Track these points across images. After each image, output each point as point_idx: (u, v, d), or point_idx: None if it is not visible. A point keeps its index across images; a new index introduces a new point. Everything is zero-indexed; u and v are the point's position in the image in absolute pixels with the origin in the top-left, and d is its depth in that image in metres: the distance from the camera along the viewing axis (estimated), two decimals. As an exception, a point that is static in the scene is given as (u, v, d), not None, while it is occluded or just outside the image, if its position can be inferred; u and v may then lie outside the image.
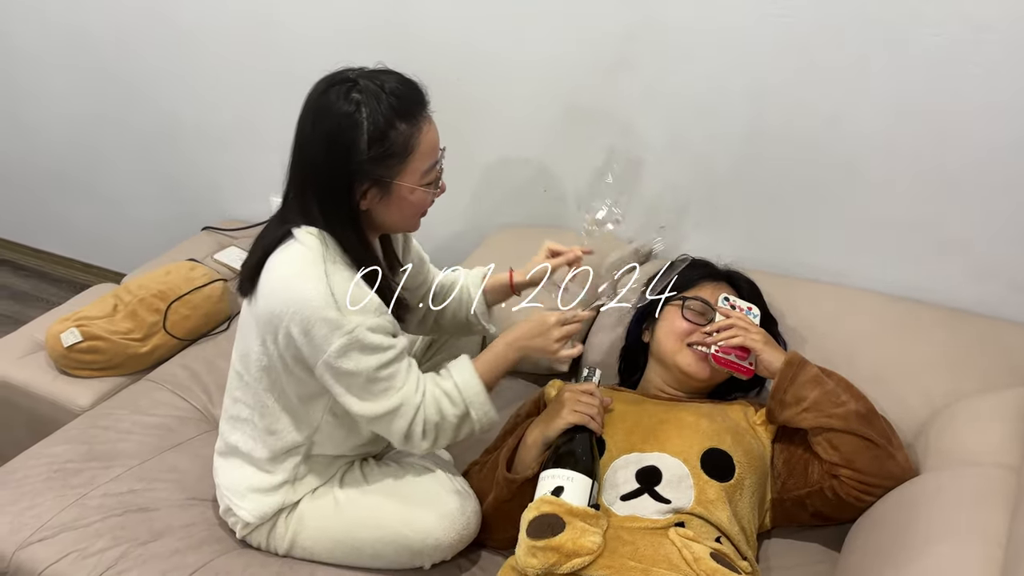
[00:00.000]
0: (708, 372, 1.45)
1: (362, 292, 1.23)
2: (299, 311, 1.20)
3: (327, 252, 1.23)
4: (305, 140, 1.23)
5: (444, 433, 1.31)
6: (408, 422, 1.27)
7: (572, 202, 1.95)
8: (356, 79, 1.20)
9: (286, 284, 1.22)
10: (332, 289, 1.20)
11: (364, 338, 1.21)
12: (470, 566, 1.43)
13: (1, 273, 3.09)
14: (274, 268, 1.24)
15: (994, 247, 1.56)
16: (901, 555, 1.12)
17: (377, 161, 1.19)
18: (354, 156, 1.18)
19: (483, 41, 1.82)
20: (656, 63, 1.67)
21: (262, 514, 1.38)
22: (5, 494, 1.49)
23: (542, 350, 1.32)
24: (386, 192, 1.23)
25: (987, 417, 1.33)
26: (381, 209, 1.26)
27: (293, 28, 2.03)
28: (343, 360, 1.22)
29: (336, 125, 1.18)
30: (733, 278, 1.58)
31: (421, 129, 1.22)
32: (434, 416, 1.28)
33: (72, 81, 2.50)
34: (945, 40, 1.42)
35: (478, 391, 1.31)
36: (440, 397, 1.29)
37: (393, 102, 1.19)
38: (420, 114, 1.23)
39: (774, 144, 1.65)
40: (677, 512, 1.23)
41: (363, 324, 1.21)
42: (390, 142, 1.19)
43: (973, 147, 1.49)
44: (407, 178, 1.23)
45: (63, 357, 1.81)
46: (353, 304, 1.21)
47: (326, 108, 1.19)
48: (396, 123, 1.19)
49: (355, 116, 1.17)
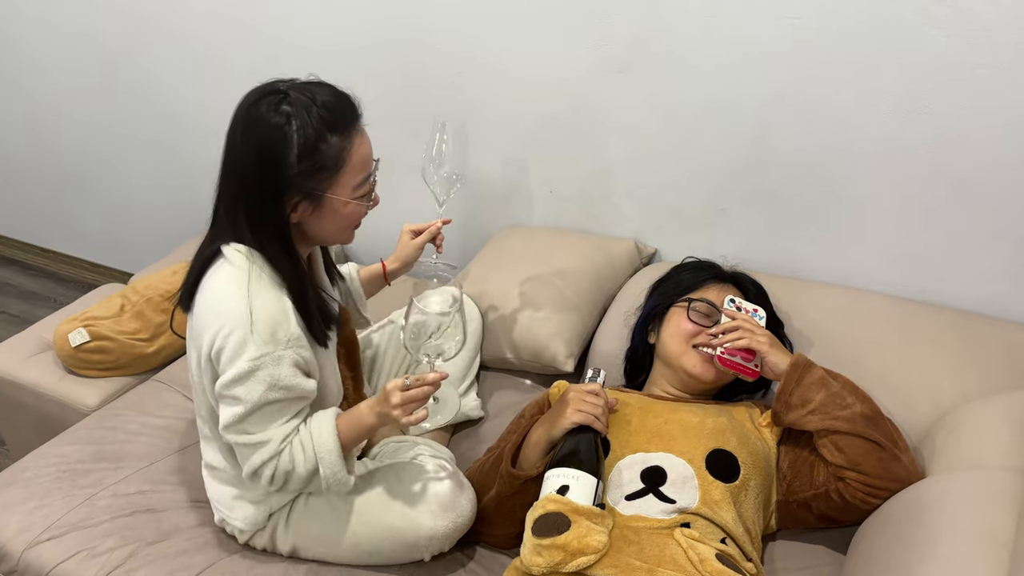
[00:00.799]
0: (714, 374, 1.45)
1: (280, 319, 1.21)
2: (220, 328, 1.19)
3: (253, 270, 1.21)
4: (234, 153, 1.21)
5: (292, 482, 1.27)
6: (262, 460, 1.24)
7: (590, 220, 1.95)
8: (287, 91, 1.18)
9: (213, 304, 1.21)
10: (252, 310, 1.19)
11: (266, 368, 1.19)
12: (467, 561, 1.43)
13: (9, 273, 3.10)
14: (203, 288, 1.24)
15: (1002, 248, 1.56)
16: (907, 557, 1.12)
17: (307, 175, 1.18)
18: (284, 170, 1.16)
19: (489, 40, 1.82)
20: (664, 65, 1.67)
21: (254, 522, 1.38)
22: (15, 493, 1.50)
23: (387, 416, 1.25)
24: (317, 205, 1.22)
25: (994, 420, 1.32)
26: (313, 222, 1.24)
27: (299, 30, 2.04)
28: (236, 386, 1.19)
29: (265, 138, 1.16)
30: (739, 280, 1.58)
31: (353, 142, 1.21)
32: (287, 465, 1.25)
33: (81, 82, 2.51)
34: (955, 41, 1.41)
35: (330, 449, 1.26)
36: (297, 449, 1.26)
37: (324, 115, 1.17)
38: (352, 127, 1.21)
39: (782, 146, 1.65)
40: (682, 512, 1.23)
41: (272, 354, 1.19)
42: (320, 155, 1.18)
43: (982, 148, 1.49)
44: (339, 191, 1.22)
45: (71, 357, 1.82)
46: (269, 331, 1.19)
47: (255, 120, 1.17)
48: (327, 136, 1.17)
49: (284, 129, 1.16)
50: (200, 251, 1.29)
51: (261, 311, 1.19)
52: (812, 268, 1.75)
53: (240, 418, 1.22)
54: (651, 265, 1.87)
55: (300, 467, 1.26)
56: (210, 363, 1.23)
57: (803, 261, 1.75)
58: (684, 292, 1.54)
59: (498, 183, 2.02)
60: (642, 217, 1.89)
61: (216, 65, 2.24)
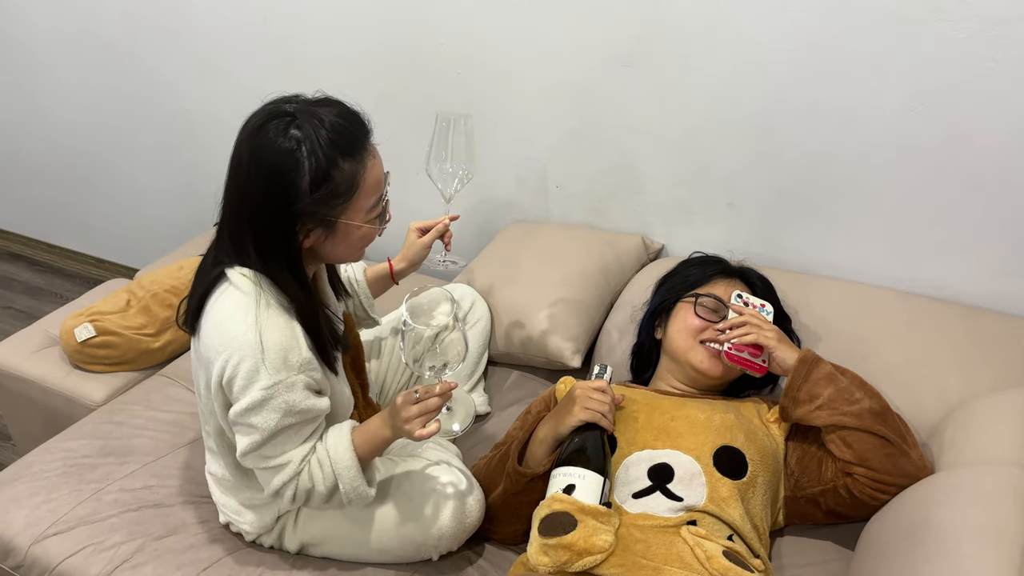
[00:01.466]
0: (721, 369, 1.44)
1: (290, 344, 1.18)
2: (230, 357, 1.16)
3: (261, 296, 1.18)
4: (242, 178, 1.16)
5: (313, 499, 1.26)
6: (283, 483, 1.23)
7: (596, 215, 1.94)
8: (294, 113, 1.13)
9: (221, 330, 1.18)
10: (262, 338, 1.16)
11: (280, 396, 1.17)
12: (476, 558, 1.43)
13: (16, 268, 3.11)
14: (209, 313, 1.20)
15: (1010, 243, 1.55)
16: (915, 554, 1.11)
17: (321, 202, 1.14)
18: (296, 198, 1.12)
19: (493, 37, 1.82)
20: (669, 60, 1.67)
21: (262, 525, 1.38)
22: (22, 488, 1.50)
23: (401, 430, 1.23)
24: (331, 231, 1.18)
25: (1003, 415, 1.32)
26: (327, 246, 1.21)
27: (304, 29, 2.04)
28: (251, 415, 1.18)
29: (275, 165, 1.12)
30: (747, 275, 1.57)
31: (365, 165, 1.16)
32: (307, 483, 1.24)
33: (88, 81, 2.51)
34: (964, 35, 1.40)
35: (348, 465, 1.24)
36: (315, 467, 1.24)
37: (335, 138, 1.12)
38: (364, 149, 1.17)
39: (788, 141, 1.64)
40: (689, 510, 1.23)
41: (285, 381, 1.17)
42: (333, 182, 1.13)
43: (990, 142, 1.48)
44: (352, 216, 1.18)
45: (77, 352, 1.82)
46: (280, 358, 1.17)
47: (264, 146, 1.12)
48: (339, 161, 1.13)
49: (296, 155, 1.11)
50: (203, 271, 1.25)
51: (271, 338, 1.16)
52: (819, 263, 1.74)
53: (257, 445, 1.20)
54: (658, 260, 1.86)
55: (320, 485, 1.24)
56: (220, 390, 1.21)
57: (810, 256, 1.75)
58: (691, 287, 1.54)
59: (504, 179, 2.02)
60: (649, 212, 1.88)
61: (222, 63, 2.24)
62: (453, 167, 1.47)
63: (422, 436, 1.20)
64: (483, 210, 2.09)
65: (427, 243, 1.50)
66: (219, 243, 1.23)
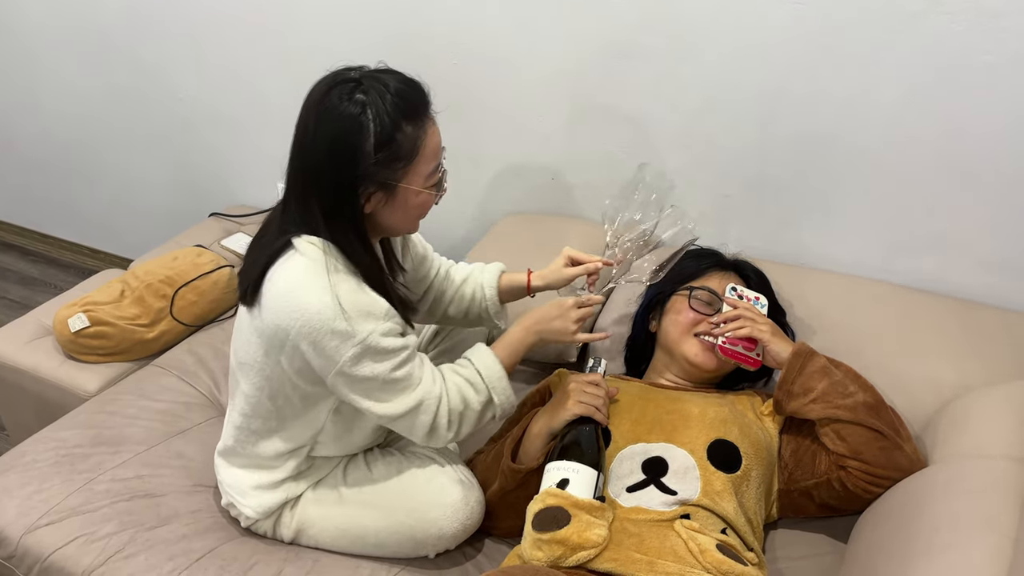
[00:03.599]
0: (715, 362, 1.44)
1: (369, 298, 1.21)
2: (307, 325, 1.17)
3: (329, 261, 1.19)
4: (307, 144, 1.18)
5: (467, 421, 1.30)
6: (432, 416, 1.26)
7: (593, 207, 1.94)
8: (359, 79, 1.16)
9: (291, 298, 1.18)
10: (339, 299, 1.17)
11: (376, 344, 1.19)
12: (475, 554, 1.44)
13: (9, 258, 3.10)
14: (278, 281, 1.20)
15: (1005, 237, 1.55)
16: (909, 547, 1.12)
17: (383, 164, 1.16)
18: (360, 160, 1.15)
19: (492, 25, 1.81)
20: (668, 52, 1.66)
21: (265, 510, 1.38)
22: (13, 478, 1.49)
23: (561, 332, 1.31)
24: (391, 195, 1.20)
25: (997, 409, 1.32)
26: (385, 212, 1.23)
27: (301, 16, 2.02)
28: (357, 368, 1.20)
29: (340, 128, 1.14)
30: (741, 268, 1.57)
31: (426, 131, 1.19)
32: (459, 405, 1.28)
33: (82, 69, 2.50)
34: (961, 28, 1.40)
35: (500, 376, 1.30)
36: (463, 385, 1.28)
37: (399, 103, 1.15)
38: (425, 115, 1.20)
39: (786, 133, 1.64)
40: (683, 504, 1.23)
41: (375, 331, 1.19)
42: (396, 145, 1.16)
43: (986, 136, 1.47)
44: (412, 181, 1.20)
45: (70, 342, 1.82)
46: (361, 311, 1.18)
47: (329, 110, 1.15)
48: (402, 125, 1.15)
49: (360, 118, 1.14)
50: (262, 242, 1.26)
51: (347, 297, 1.18)
52: (815, 256, 1.74)
53: (376, 392, 1.23)
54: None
55: (473, 403, 1.28)
56: (304, 361, 1.22)
57: (806, 249, 1.75)
58: (686, 280, 1.53)
59: (500, 170, 2.01)
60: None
61: (217, 53, 2.22)
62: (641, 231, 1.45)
63: (587, 339, 1.33)
64: (479, 202, 2.08)
65: (571, 276, 1.47)
66: (284, 214, 1.24)
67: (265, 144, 2.32)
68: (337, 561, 1.39)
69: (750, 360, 1.40)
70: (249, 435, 1.37)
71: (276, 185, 2.41)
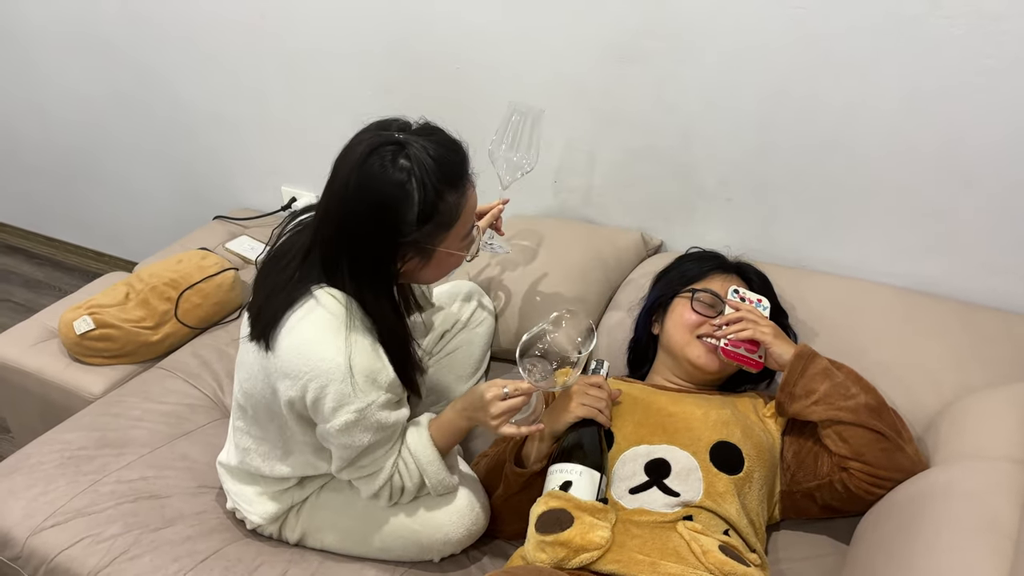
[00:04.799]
0: (717, 364, 1.44)
1: (379, 364, 1.21)
2: (316, 379, 1.17)
3: (349, 319, 1.19)
4: (347, 206, 1.15)
5: (405, 496, 1.32)
6: (378, 487, 1.29)
7: (594, 210, 1.94)
8: (403, 143, 1.13)
9: (305, 350, 1.18)
10: (352, 362, 1.17)
11: (372, 416, 1.20)
12: (480, 557, 1.44)
13: (15, 261, 3.11)
14: (295, 330, 1.19)
15: (1006, 240, 1.55)
16: (910, 548, 1.12)
17: (427, 234, 1.16)
18: (402, 228, 1.14)
19: (494, 31, 1.81)
20: (667, 56, 1.66)
21: (270, 516, 1.39)
22: (19, 479, 1.50)
23: (484, 424, 1.27)
24: (427, 258, 1.21)
25: (998, 411, 1.32)
26: (419, 271, 1.24)
27: (304, 24, 2.03)
28: (344, 435, 1.21)
29: (384, 195, 1.12)
30: (743, 270, 1.57)
31: (466, 195, 1.19)
32: (398, 483, 1.30)
33: (87, 71, 2.51)
34: (961, 32, 1.40)
35: (431, 460, 1.29)
36: (401, 466, 1.30)
37: (441, 170, 1.14)
38: (465, 179, 1.19)
39: (787, 136, 1.64)
40: (686, 505, 1.23)
41: (375, 401, 1.20)
42: (439, 214, 1.15)
43: (987, 140, 1.48)
44: (450, 244, 1.21)
45: (76, 344, 1.83)
46: (368, 377, 1.18)
47: (374, 176, 1.12)
48: (445, 194, 1.15)
49: (406, 187, 1.12)
50: (281, 286, 1.23)
51: (360, 361, 1.18)
52: (817, 259, 1.74)
53: (352, 460, 1.25)
54: (656, 256, 1.86)
55: (408, 482, 1.29)
56: (302, 408, 1.23)
57: (808, 252, 1.75)
58: (688, 282, 1.54)
59: (502, 173, 2.01)
60: (648, 207, 1.88)
61: (220, 58, 2.23)
62: (518, 157, 1.50)
63: (507, 434, 1.25)
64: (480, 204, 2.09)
65: (482, 227, 1.46)
66: (307, 259, 1.22)
67: (268, 147, 2.33)
68: (342, 564, 1.39)
69: (752, 362, 1.40)
70: (255, 457, 1.38)
71: (280, 188, 2.43)
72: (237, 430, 1.39)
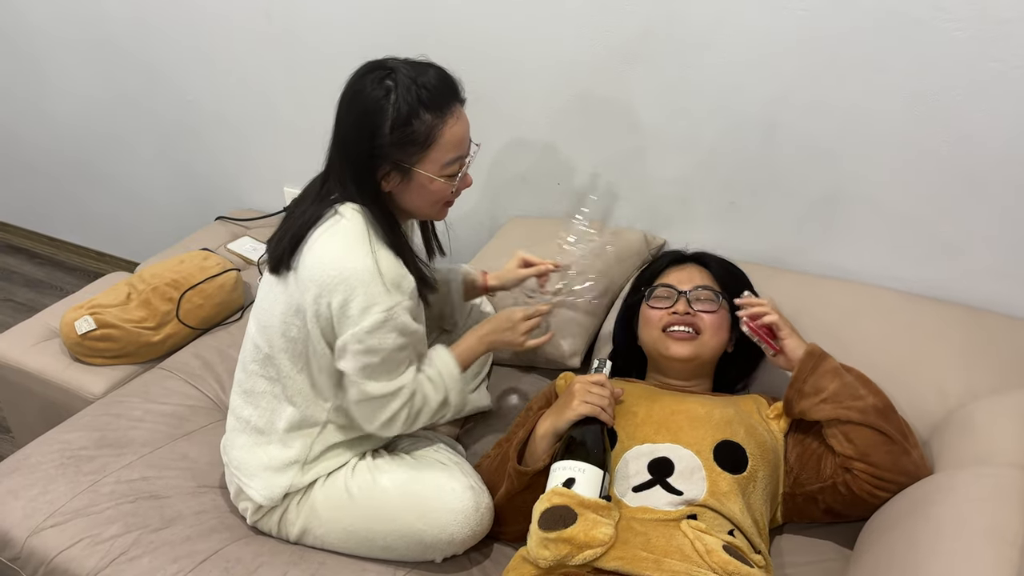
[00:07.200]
0: (688, 350, 1.45)
1: (403, 271, 1.29)
2: (345, 282, 1.24)
3: (369, 227, 1.28)
4: (340, 119, 1.29)
5: (422, 417, 1.37)
6: (400, 404, 1.33)
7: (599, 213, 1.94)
8: (394, 68, 1.25)
9: (334, 256, 1.26)
10: (379, 267, 1.25)
11: (399, 317, 1.27)
12: (482, 559, 1.43)
13: (17, 261, 3.11)
14: (321, 241, 1.27)
15: (1011, 245, 1.55)
16: (914, 554, 1.11)
17: (398, 146, 1.24)
18: (377, 138, 1.23)
19: (499, 31, 1.81)
20: (673, 57, 1.66)
21: (272, 495, 1.38)
22: (19, 479, 1.50)
23: (511, 342, 1.43)
24: (407, 177, 1.28)
25: (1002, 417, 1.31)
26: (403, 194, 1.31)
27: (311, 20, 2.03)
28: (372, 336, 1.26)
29: (364, 108, 1.24)
30: (700, 258, 1.60)
31: (446, 122, 1.26)
32: (419, 402, 1.35)
33: (90, 72, 2.51)
34: (967, 35, 1.40)
35: (457, 377, 1.39)
36: (425, 382, 1.36)
37: (422, 94, 1.23)
38: (448, 107, 1.27)
39: (791, 140, 1.64)
40: (689, 504, 1.23)
41: (401, 303, 1.27)
42: (412, 130, 1.24)
43: (992, 143, 1.47)
44: (427, 167, 1.28)
45: (77, 344, 1.82)
46: (395, 282, 1.27)
47: (359, 92, 1.25)
48: (420, 113, 1.23)
49: (382, 102, 1.23)
50: (304, 207, 1.33)
51: (386, 265, 1.27)
52: (821, 263, 1.74)
53: (374, 367, 1.29)
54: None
55: (432, 400, 1.36)
56: (330, 316, 1.27)
57: (812, 256, 1.74)
58: (647, 282, 1.57)
59: (506, 176, 2.01)
60: (651, 209, 1.88)
61: (224, 57, 2.23)
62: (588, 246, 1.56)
63: (536, 344, 1.44)
64: (484, 206, 2.09)
65: (523, 277, 1.59)
66: (325, 184, 1.34)
67: (271, 149, 2.33)
68: (342, 563, 1.39)
69: (772, 344, 1.43)
70: (263, 402, 1.40)
71: (282, 189, 2.43)
72: (252, 375, 1.42)
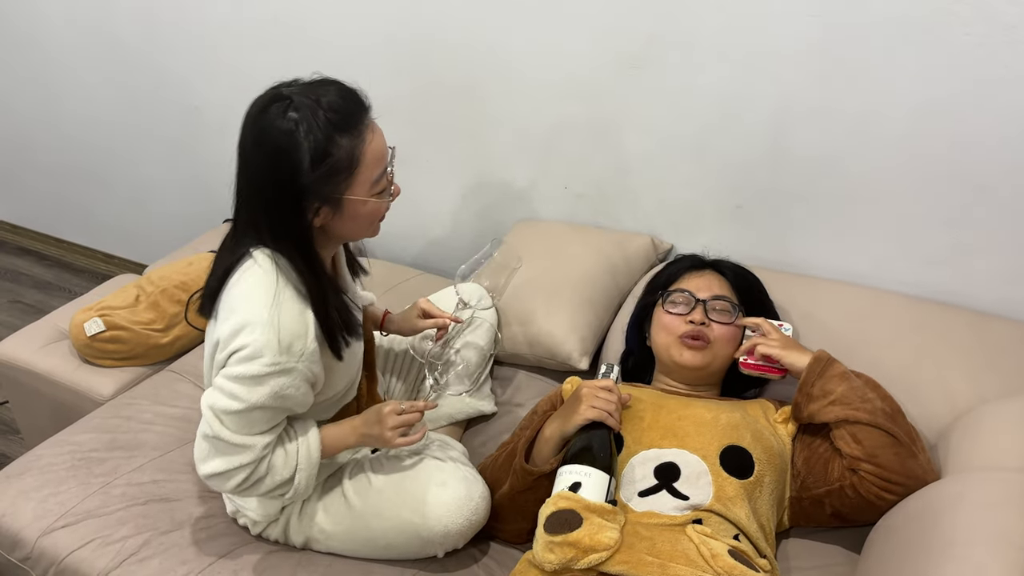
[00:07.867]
0: (700, 359, 1.45)
1: (301, 332, 1.21)
2: (242, 322, 1.18)
3: (280, 278, 1.21)
4: (248, 163, 1.21)
5: (260, 487, 1.28)
6: (243, 462, 1.24)
7: (605, 217, 1.95)
8: (291, 96, 1.17)
9: (237, 303, 1.20)
10: (278, 321, 1.18)
11: (277, 379, 1.19)
12: (483, 557, 1.44)
13: (25, 263, 3.12)
14: (231, 288, 1.23)
15: (1019, 250, 1.54)
16: (921, 559, 1.11)
17: (323, 180, 1.16)
18: (299, 177, 1.15)
19: (506, 36, 1.82)
20: (680, 62, 1.66)
21: (268, 513, 1.39)
22: (30, 480, 1.51)
23: (378, 439, 1.32)
24: (338, 208, 1.20)
25: (1011, 422, 1.31)
26: (336, 224, 1.23)
27: (316, 29, 2.04)
28: (241, 384, 1.19)
29: (276, 146, 1.15)
30: (718, 266, 1.59)
31: (364, 139, 1.19)
32: (263, 470, 1.26)
33: (99, 76, 2.52)
34: (975, 40, 1.40)
35: (314, 462, 1.30)
36: (278, 453, 1.27)
37: (332, 116, 1.16)
38: (361, 124, 1.19)
39: (798, 143, 1.64)
40: (695, 509, 1.23)
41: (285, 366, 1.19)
42: (333, 159, 1.16)
43: (1000, 149, 1.47)
44: (357, 191, 1.20)
45: (86, 346, 1.83)
46: (288, 344, 1.19)
47: (264, 129, 1.17)
48: (336, 138, 1.16)
49: (294, 135, 1.14)
50: (222, 256, 1.28)
51: (284, 322, 1.19)
52: (828, 267, 1.74)
53: (231, 413, 1.21)
54: (665, 262, 1.86)
55: (277, 475, 1.27)
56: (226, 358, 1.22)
57: (819, 260, 1.74)
58: (664, 287, 1.56)
59: (513, 179, 2.02)
60: (658, 213, 1.88)
61: (233, 60, 2.24)
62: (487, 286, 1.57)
63: (400, 444, 1.32)
64: (490, 210, 2.09)
65: (421, 328, 1.56)
66: (236, 226, 1.27)
67: (280, 151, 2.34)
68: (350, 566, 1.39)
69: (774, 371, 1.43)
70: None
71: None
72: None
